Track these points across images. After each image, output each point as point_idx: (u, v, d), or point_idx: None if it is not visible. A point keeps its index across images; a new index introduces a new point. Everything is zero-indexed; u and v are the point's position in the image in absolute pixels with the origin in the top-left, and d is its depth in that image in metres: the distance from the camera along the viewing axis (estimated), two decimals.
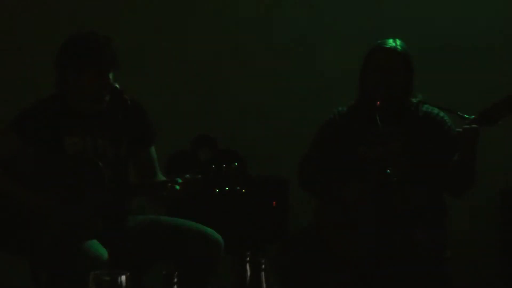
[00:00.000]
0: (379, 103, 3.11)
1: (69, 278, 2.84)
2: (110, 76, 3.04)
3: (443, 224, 3.22)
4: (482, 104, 3.01)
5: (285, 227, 3.96)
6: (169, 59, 4.33)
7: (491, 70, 4.25)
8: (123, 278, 1.82)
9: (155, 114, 3.29)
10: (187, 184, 2.98)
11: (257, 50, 4.36)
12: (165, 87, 4.32)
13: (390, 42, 3.21)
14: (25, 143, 3.07)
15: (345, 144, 3.26)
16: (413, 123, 3.19)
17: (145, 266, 3.13)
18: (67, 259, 2.88)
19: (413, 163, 3.09)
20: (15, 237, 3.00)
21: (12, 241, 3.02)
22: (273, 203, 3.98)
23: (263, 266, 1.98)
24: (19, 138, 3.07)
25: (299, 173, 3.38)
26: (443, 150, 3.10)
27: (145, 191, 3.15)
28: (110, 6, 4.32)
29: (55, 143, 3.07)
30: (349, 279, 3.18)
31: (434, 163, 3.10)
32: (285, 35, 4.36)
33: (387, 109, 3.15)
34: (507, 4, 4.30)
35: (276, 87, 4.34)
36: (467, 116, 3.03)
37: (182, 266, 3.01)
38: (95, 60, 3.01)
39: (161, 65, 4.32)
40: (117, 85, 3.06)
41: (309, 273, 3.14)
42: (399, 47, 3.19)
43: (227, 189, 2.93)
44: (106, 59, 3.02)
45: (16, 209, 2.99)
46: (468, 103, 3.35)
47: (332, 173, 3.24)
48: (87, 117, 3.11)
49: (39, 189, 3.00)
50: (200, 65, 4.35)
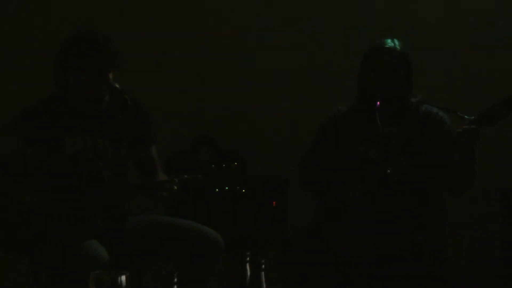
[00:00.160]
0: (379, 103, 3.11)
1: (69, 278, 2.83)
2: (110, 76, 3.04)
3: (443, 224, 3.22)
4: (482, 104, 3.01)
5: (285, 227, 3.96)
6: (169, 58, 4.32)
7: (490, 70, 4.25)
8: (123, 278, 1.82)
9: (155, 114, 3.29)
10: (186, 184, 2.99)
11: (257, 50, 4.35)
12: (165, 87, 4.31)
13: (389, 42, 3.20)
14: (25, 143, 3.07)
15: (345, 144, 3.26)
16: (413, 122, 3.19)
17: (145, 266, 3.13)
18: (67, 259, 2.88)
19: (413, 163, 3.09)
20: (15, 237, 3.00)
21: (12, 241, 3.02)
22: (273, 203, 3.98)
23: (263, 266, 1.98)
24: (19, 138, 3.07)
25: (299, 173, 3.38)
26: (443, 149, 3.10)
27: (145, 191, 3.14)
28: (110, 6, 4.31)
29: (55, 143, 3.07)
30: (349, 279, 3.18)
31: (434, 162, 3.11)
32: (285, 35, 4.35)
33: (387, 109, 3.15)
34: (507, 3, 4.30)
35: (276, 87, 4.34)
36: (467, 116, 3.03)
37: (182, 266, 3.01)
38: (95, 60, 3.01)
39: (161, 64, 4.32)
40: (117, 85, 3.06)
41: (309, 273, 3.13)
42: (398, 47, 3.19)
43: (227, 188, 2.93)
44: (106, 59, 3.02)
45: (16, 209, 2.99)
46: (468, 103, 3.35)
47: (332, 173, 3.24)
48: (87, 117, 3.11)
49: (39, 189, 3.00)
50: (200, 65, 4.34)
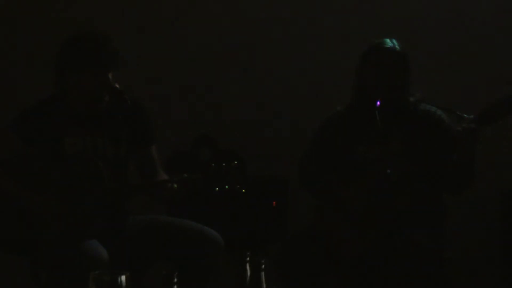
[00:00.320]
0: (379, 103, 3.11)
1: (69, 278, 2.83)
2: (109, 76, 3.04)
3: (443, 224, 3.22)
4: (481, 104, 3.01)
5: (285, 227, 3.96)
6: (169, 58, 4.33)
7: (490, 69, 4.25)
8: (123, 278, 1.82)
9: (155, 114, 3.29)
10: (186, 183, 2.98)
11: (257, 50, 4.35)
12: (165, 87, 4.32)
13: (388, 42, 3.20)
14: (25, 143, 3.07)
15: (344, 144, 3.26)
16: (412, 122, 3.19)
17: (145, 266, 3.13)
18: (67, 259, 2.88)
19: (412, 163, 3.09)
20: (15, 237, 3.00)
21: (12, 241, 3.01)
22: (273, 203, 3.98)
23: (263, 266, 1.98)
24: (19, 138, 3.07)
25: (299, 174, 3.39)
26: (443, 148, 3.10)
27: (145, 191, 3.14)
28: (110, 6, 4.31)
29: (55, 143, 3.07)
30: (349, 279, 3.18)
31: (433, 161, 3.10)
32: (285, 35, 4.35)
33: (386, 109, 3.15)
34: (506, 2, 4.30)
35: (276, 87, 4.34)
36: (466, 115, 3.03)
37: (182, 266, 3.01)
38: (95, 60, 3.01)
39: (161, 64, 4.32)
40: (117, 85, 3.06)
41: (309, 273, 3.13)
42: (397, 47, 3.19)
43: (227, 188, 2.93)
44: (105, 58, 3.02)
45: (16, 209, 2.99)
46: (467, 102, 3.35)
47: (331, 173, 3.24)
48: (87, 117, 3.10)
49: (39, 189, 2.99)
50: (200, 65, 4.34)
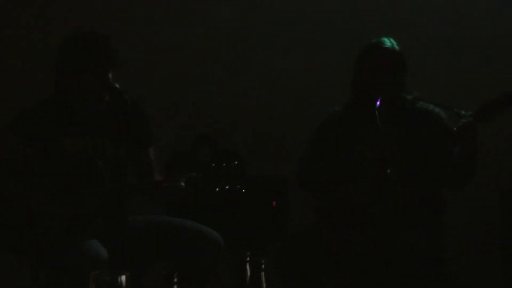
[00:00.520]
0: (379, 103, 3.11)
1: (69, 278, 2.83)
2: (109, 75, 3.04)
3: (442, 223, 3.22)
4: (478, 101, 3.01)
5: (285, 227, 3.96)
6: (169, 58, 4.33)
7: (487, 67, 4.25)
8: (123, 278, 1.81)
9: (155, 114, 3.29)
10: (193, 181, 2.98)
11: (257, 50, 4.35)
12: (164, 87, 4.31)
13: (386, 41, 3.20)
14: (24, 143, 3.07)
15: (343, 144, 3.26)
16: (410, 120, 3.19)
17: (145, 266, 3.13)
18: (67, 259, 2.88)
19: (413, 161, 3.09)
20: (15, 237, 3.00)
21: (12, 241, 3.01)
22: (273, 203, 3.98)
23: (263, 266, 1.98)
24: (18, 138, 3.07)
25: (297, 174, 3.38)
26: (442, 144, 3.11)
27: (145, 191, 3.14)
28: (110, 6, 4.31)
29: (55, 143, 3.07)
30: (349, 279, 3.18)
31: (434, 158, 3.10)
32: (285, 35, 4.35)
33: (385, 108, 3.14)
34: (506, 3, 4.30)
35: (275, 87, 4.34)
36: (464, 112, 3.03)
37: (182, 266, 3.01)
38: (94, 59, 3.01)
39: (161, 64, 4.32)
40: (117, 85, 3.06)
41: (309, 273, 3.13)
42: (396, 47, 3.19)
43: (227, 188, 2.93)
44: (105, 58, 3.02)
45: (16, 209, 2.99)
46: (464, 100, 3.35)
47: (331, 173, 3.24)
48: (87, 117, 3.10)
49: (39, 189, 2.99)
50: (200, 65, 4.34)
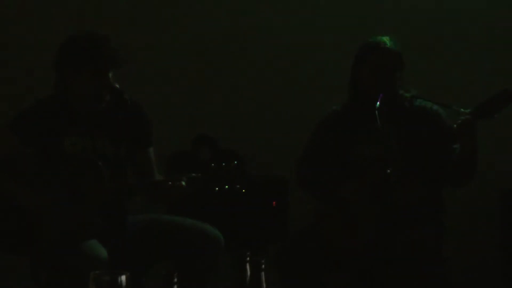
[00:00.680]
0: (379, 102, 3.11)
1: (69, 278, 2.83)
2: (109, 76, 3.04)
3: (442, 223, 3.22)
4: (477, 98, 3.02)
5: (285, 227, 3.96)
6: (169, 58, 4.33)
7: (486, 64, 4.25)
8: (123, 278, 1.81)
9: (155, 114, 3.29)
10: (194, 181, 2.98)
11: (257, 50, 4.35)
12: (164, 87, 4.32)
13: (384, 41, 3.19)
14: (24, 143, 3.07)
15: (342, 144, 3.25)
16: (410, 118, 3.19)
17: (145, 266, 3.13)
18: (67, 259, 2.88)
19: (413, 159, 3.09)
20: (15, 237, 3.00)
21: (12, 241, 3.01)
22: (273, 203, 3.98)
23: (263, 266, 1.98)
24: (18, 138, 3.07)
25: (296, 175, 3.38)
26: (442, 141, 3.11)
27: (145, 191, 3.14)
28: (109, 6, 4.31)
29: (55, 143, 3.06)
30: (349, 279, 3.18)
31: (434, 155, 3.10)
32: (285, 35, 4.35)
33: (384, 107, 3.14)
34: (505, 2, 4.31)
35: (275, 86, 4.34)
36: (462, 109, 3.03)
37: (182, 266, 3.01)
38: (94, 60, 3.01)
39: (161, 64, 4.32)
40: (117, 85, 3.06)
41: (309, 273, 3.13)
42: (394, 46, 3.19)
43: (227, 187, 2.93)
44: (105, 58, 3.02)
45: (16, 209, 2.99)
46: (463, 97, 3.35)
47: (330, 173, 3.24)
48: (87, 117, 3.10)
49: (39, 189, 2.99)
50: (199, 65, 4.34)
